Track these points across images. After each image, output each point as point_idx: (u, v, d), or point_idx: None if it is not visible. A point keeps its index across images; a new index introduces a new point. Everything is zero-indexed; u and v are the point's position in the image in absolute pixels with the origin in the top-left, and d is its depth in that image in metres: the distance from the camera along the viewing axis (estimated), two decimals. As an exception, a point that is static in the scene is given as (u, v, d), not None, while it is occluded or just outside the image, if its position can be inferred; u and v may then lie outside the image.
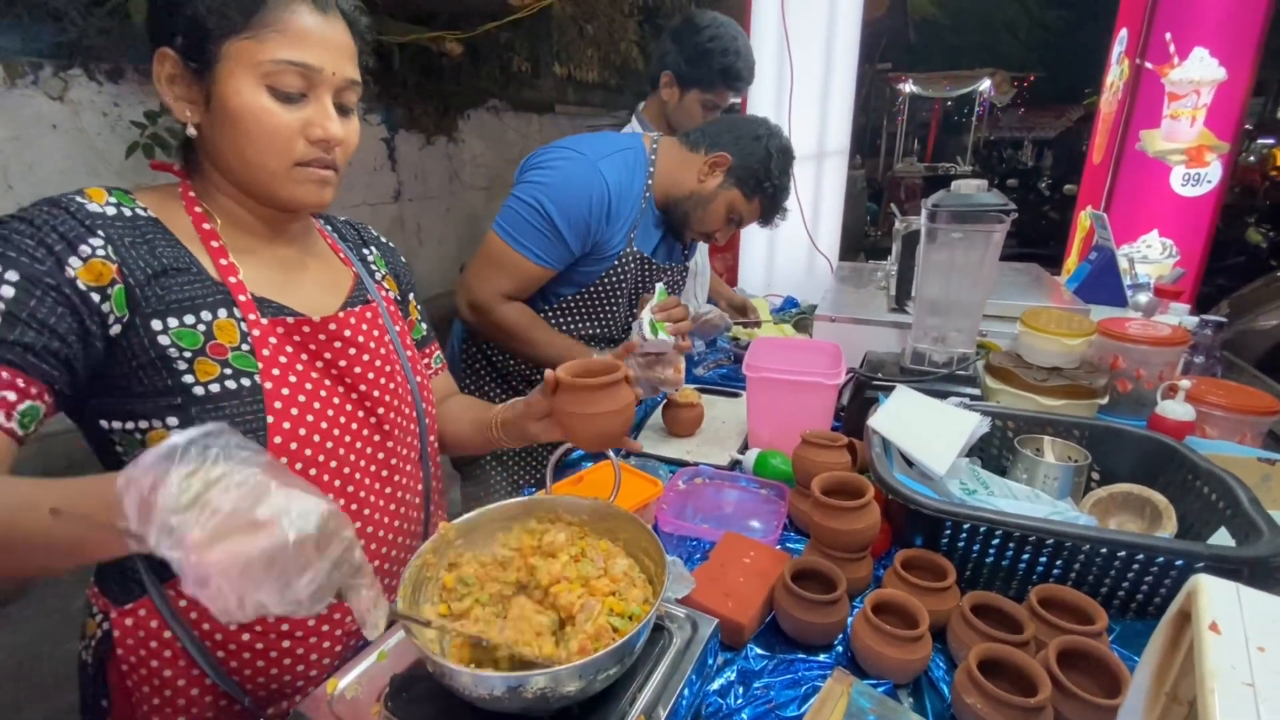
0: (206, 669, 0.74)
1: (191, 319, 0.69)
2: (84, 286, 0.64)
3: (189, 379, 0.68)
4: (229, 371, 0.70)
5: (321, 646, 0.80)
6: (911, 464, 1.05)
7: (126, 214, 0.70)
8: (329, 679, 0.65)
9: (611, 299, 1.50)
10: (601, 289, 1.47)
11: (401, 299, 0.99)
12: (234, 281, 0.73)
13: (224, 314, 0.71)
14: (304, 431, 0.74)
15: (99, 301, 0.64)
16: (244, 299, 0.73)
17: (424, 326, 1.03)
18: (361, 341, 0.82)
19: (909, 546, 0.95)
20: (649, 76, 1.85)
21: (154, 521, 0.42)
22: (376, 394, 0.83)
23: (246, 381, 0.71)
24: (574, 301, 1.48)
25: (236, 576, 0.42)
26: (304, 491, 0.46)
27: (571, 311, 1.50)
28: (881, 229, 8.22)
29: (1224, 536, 0.86)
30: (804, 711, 0.74)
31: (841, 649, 0.85)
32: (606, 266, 1.43)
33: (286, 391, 0.73)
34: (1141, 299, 1.83)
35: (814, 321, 1.70)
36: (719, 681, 0.80)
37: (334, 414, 0.78)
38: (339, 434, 0.78)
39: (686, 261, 1.67)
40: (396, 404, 0.85)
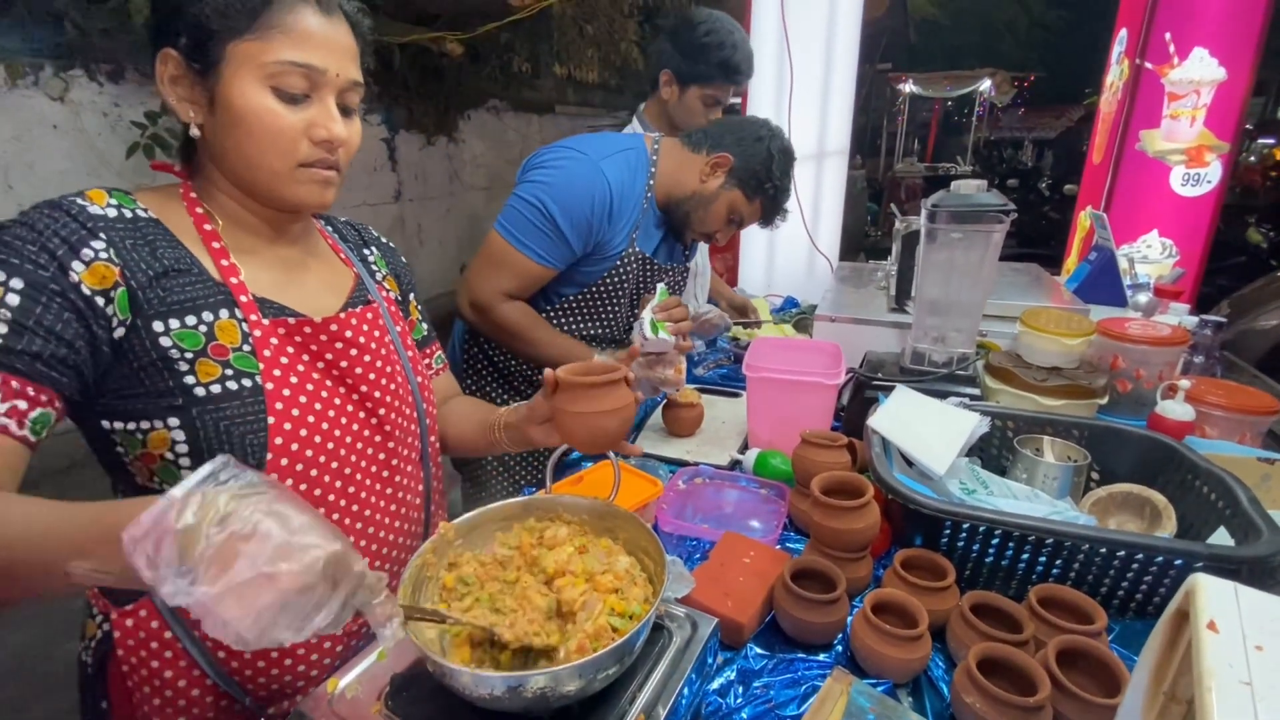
0: (207, 669, 0.74)
1: (193, 320, 0.69)
2: (89, 291, 0.63)
3: (190, 380, 0.68)
4: (230, 372, 0.70)
5: (322, 646, 0.81)
6: (911, 464, 1.05)
7: (127, 215, 0.70)
8: (329, 678, 0.66)
9: (613, 299, 1.50)
10: (603, 289, 1.47)
11: (402, 299, 0.99)
12: (235, 282, 0.73)
13: (225, 314, 0.71)
14: (305, 432, 0.74)
15: (103, 305, 0.64)
16: (245, 300, 0.73)
17: (425, 326, 1.03)
18: (362, 342, 0.82)
19: (908, 546, 0.95)
20: (649, 77, 1.85)
21: (164, 581, 0.43)
22: (377, 395, 0.83)
23: (248, 382, 0.71)
24: (575, 301, 1.49)
25: (251, 623, 0.44)
26: (311, 530, 0.46)
27: (573, 311, 1.50)
28: (881, 229, 8.21)
29: (1223, 536, 0.86)
30: (803, 711, 0.74)
31: (841, 648, 0.86)
32: (608, 266, 1.43)
33: (287, 392, 0.73)
34: (1141, 299, 1.83)
35: (814, 321, 1.70)
36: (719, 681, 0.80)
37: (335, 415, 0.78)
38: (340, 435, 0.78)
39: (687, 262, 1.67)
40: (397, 404, 0.85)
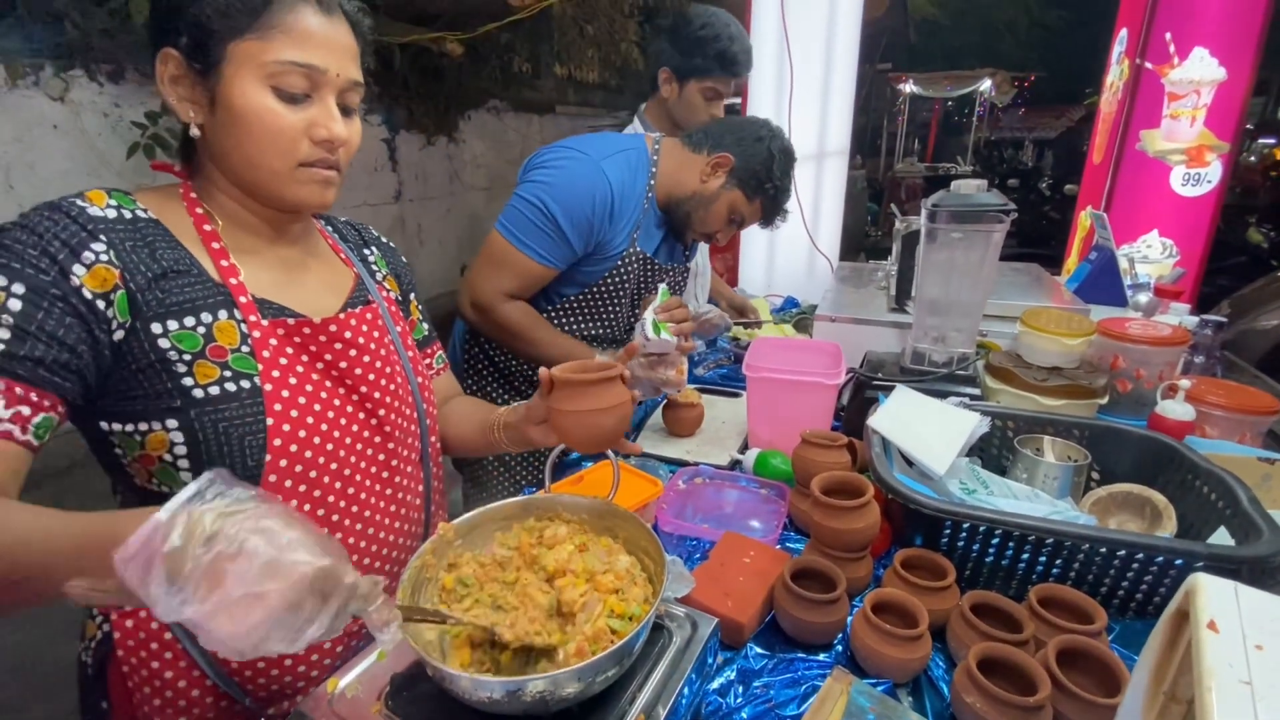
0: (207, 670, 0.74)
1: (191, 321, 0.69)
2: (90, 294, 0.63)
3: (188, 381, 0.68)
4: (229, 374, 0.70)
5: (322, 647, 0.80)
6: (911, 464, 1.05)
7: (127, 216, 0.70)
8: (329, 678, 0.66)
9: (614, 299, 1.50)
10: (604, 289, 1.47)
11: (403, 299, 0.99)
12: (235, 283, 0.73)
13: (224, 315, 0.71)
14: (304, 434, 0.74)
15: (104, 308, 0.64)
16: (245, 300, 0.73)
17: (425, 326, 1.03)
18: (362, 343, 0.82)
19: (909, 546, 0.95)
20: (649, 77, 1.85)
21: (156, 601, 0.43)
22: (377, 395, 0.83)
23: (246, 384, 0.71)
24: (576, 301, 1.49)
25: (244, 638, 0.44)
26: (298, 545, 0.46)
27: (574, 311, 1.50)
28: (882, 229, 8.21)
29: (1223, 536, 0.86)
30: (803, 711, 0.74)
31: (841, 648, 0.86)
32: (609, 266, 1.43)
33: (287, 393, 0.73)
34: (1142, 299, 1.83)
35: (814, 321, 1.70)
36: (719, 681, 0.80)
37: (334, 415, 0.78)
38: (339, 435, 0.78)
39: (687, 262, 1.67)
40: (397, 405, 0.85)
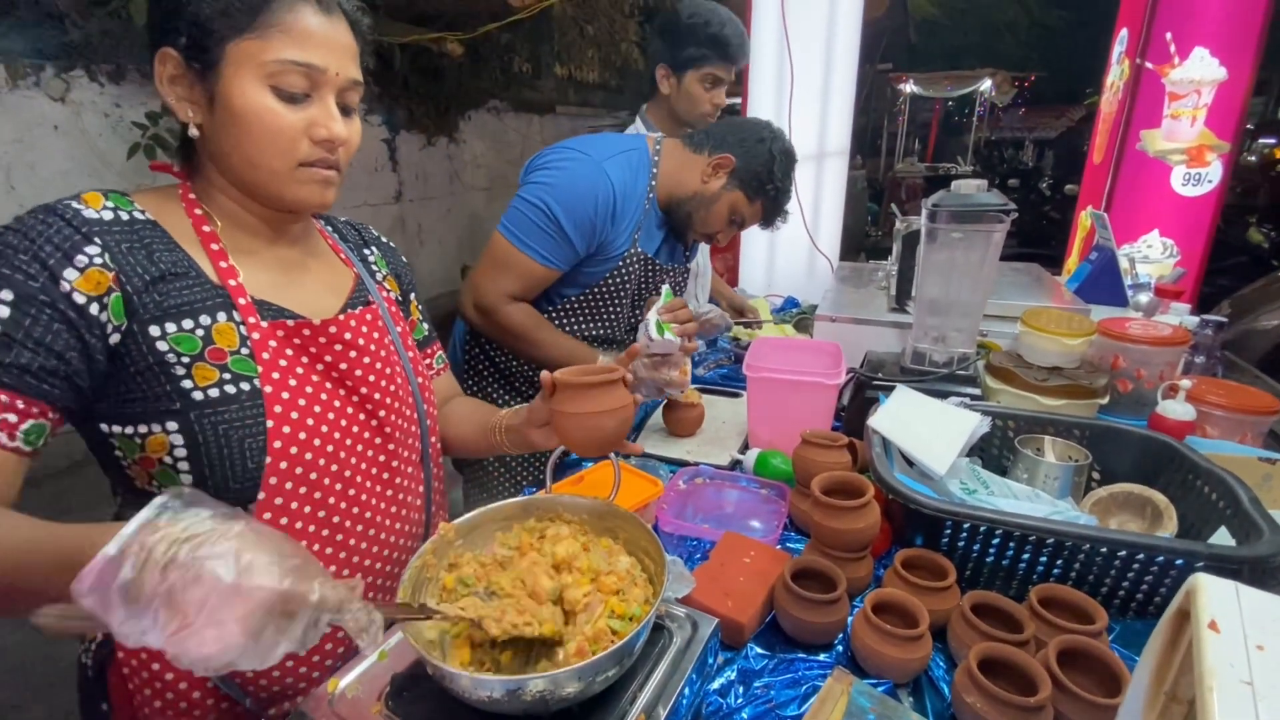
0: (207, 670, 0.74)
1: (190, 323, 0.69)
2: (81, 300, 0.63)
3: (187, 384, 0.68)
4: (228, 376, 0.70)
5: (323, 648, 0.81)
6: (911, 464, 1.05)
7: (124, 218, 0.69)
8: (330, 679, 0.65)
9: (615, 300, 1.50)
10: (605, 290, 1.47)
11: (403, 299, 0.99)
12: (234, 284, 0.73)
13: (223, 317, 0.71)
14: (304, 435, 0.74)
15: (97, 313, 0.64)
16: (244, 302, 0.73)
17: (425, 327, 1.03)
18: (362, 344, 0.82)
19: (909, 546, 0.95)
20: (648, 78, 1.86)
21: (119, 634, 0.43)
22: (377, 396, 0.82)
23: (246, 386, 0.70)
24: (578, 302, 1.49)
25: (213, 659, 0.44)
26: (256, 569, 0.45)
27: (575, 312, 1.50)
28: (882, 229, 8.21)
29: (1224, 536, 0.86)
30: (804, 711, 0.74)
31: (841, 648, 0.86)
32: (611, 267, 1.44)
33: (286, 395, 0.73)
34: (1142, 299, 1.83)
35: (814, 321, 1.70)
36: (719, 681, 0.80)
37: (334, 417, 0.77)
38: (339, 437, 0.78)
39: (688, 262, 1.67)
40: (397, 406, 0.85)
